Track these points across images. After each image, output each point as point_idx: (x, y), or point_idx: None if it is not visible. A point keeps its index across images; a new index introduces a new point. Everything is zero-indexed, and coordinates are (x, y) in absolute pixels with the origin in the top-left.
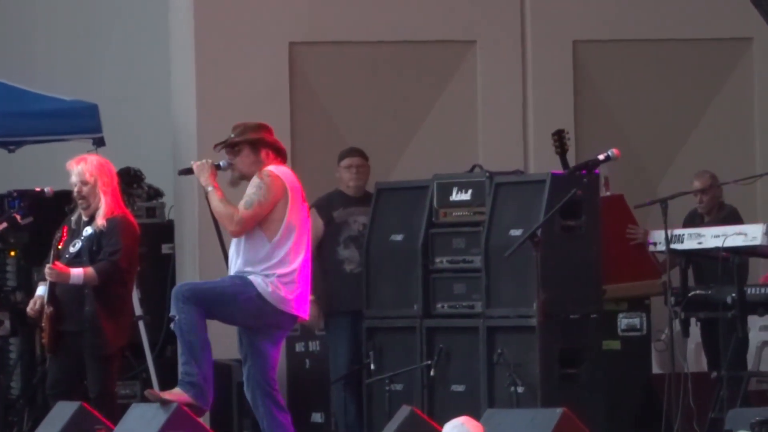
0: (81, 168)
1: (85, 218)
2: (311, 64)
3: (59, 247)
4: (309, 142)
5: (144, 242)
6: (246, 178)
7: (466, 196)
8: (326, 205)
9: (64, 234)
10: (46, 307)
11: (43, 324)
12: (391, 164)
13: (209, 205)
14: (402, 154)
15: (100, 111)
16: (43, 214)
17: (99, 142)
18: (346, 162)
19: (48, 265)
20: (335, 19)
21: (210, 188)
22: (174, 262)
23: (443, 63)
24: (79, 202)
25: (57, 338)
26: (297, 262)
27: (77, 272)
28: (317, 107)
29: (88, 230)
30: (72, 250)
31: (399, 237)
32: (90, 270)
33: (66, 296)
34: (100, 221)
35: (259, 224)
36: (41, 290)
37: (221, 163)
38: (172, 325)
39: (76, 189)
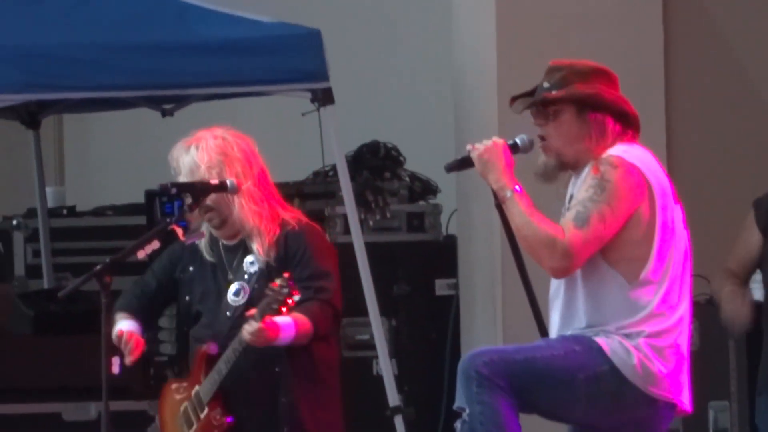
0: (192, 156)
1: (225, 241)
2: None
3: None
4: (689, 95)
5: (398, 274)
6: (568, 166)
7: None
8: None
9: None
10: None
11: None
12: None
13: (505, 223)
14: None
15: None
16: None
17: (324, 98)
18: None
19: (250, 325)
20: None
21: (508, 192)
22: (457, 311)
23: None
24: (206, 217)
25: None
26: (679, 311)
27: (286, 324)
28: (709, 38)
29: (249, 261)
30: (235, 300)
31: None
32: (302, 318)
33: (244, 379)
34: (266, 240)
35: (602, 253)
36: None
37: (518, 141)
38: (457, 425)
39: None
